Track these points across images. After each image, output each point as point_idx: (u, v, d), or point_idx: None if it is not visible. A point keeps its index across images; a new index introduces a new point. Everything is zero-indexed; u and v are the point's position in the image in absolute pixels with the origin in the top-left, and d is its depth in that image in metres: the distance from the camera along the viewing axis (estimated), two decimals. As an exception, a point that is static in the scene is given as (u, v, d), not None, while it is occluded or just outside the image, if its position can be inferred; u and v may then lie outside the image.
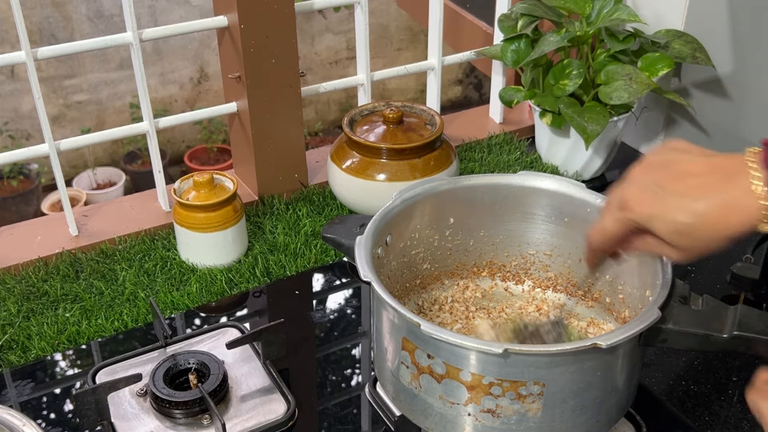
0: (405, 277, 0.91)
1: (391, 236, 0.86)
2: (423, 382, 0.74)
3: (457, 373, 0.70)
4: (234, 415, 0.86)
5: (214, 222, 1.07)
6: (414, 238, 0.90)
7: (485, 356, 0.68)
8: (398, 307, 0.72)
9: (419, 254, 0.91)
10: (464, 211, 0.90)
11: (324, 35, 3.36)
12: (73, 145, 1.13)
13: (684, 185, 0.65)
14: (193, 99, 3.28)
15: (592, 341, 0.67)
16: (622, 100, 1.16)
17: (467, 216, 0.91)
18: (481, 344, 0.68)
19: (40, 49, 1.05)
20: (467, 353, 0.69)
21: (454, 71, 3.65)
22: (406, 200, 0.87)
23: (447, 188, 0.89)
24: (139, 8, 2.97)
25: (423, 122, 1.21)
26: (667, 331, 0.71)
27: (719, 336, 0.70)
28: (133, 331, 1.01)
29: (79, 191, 3.01)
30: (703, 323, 0.71)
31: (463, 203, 0.90)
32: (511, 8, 1.32)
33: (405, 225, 0.88)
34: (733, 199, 0.63)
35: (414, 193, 0.87)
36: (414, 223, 0.89)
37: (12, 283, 1.08)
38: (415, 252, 0.91)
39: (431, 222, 0.90)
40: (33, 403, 0.91)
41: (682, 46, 1.22)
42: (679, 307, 0.72)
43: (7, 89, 2.96)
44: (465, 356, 0.69)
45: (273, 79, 1.17)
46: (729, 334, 0.70)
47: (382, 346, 0.78)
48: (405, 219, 0.87)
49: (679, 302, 0.72)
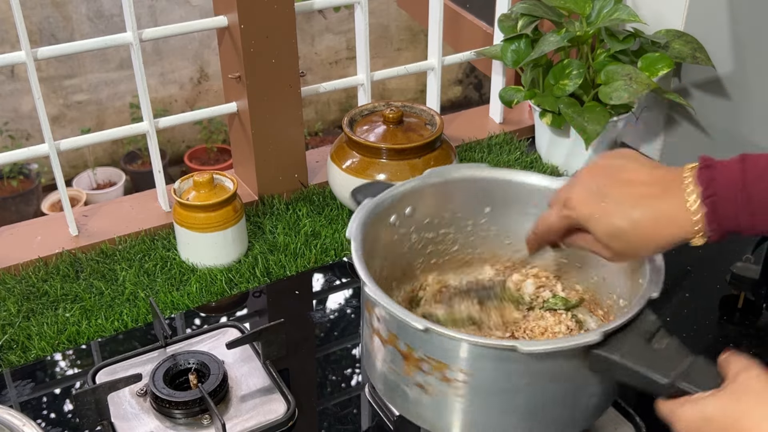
0: (431, 253, 0.91)
1: (413, 209, 0.86)
2: (375, 344, 0.76)
3: (395, 340, 0.72)
4: (234, 415, 0.86)
5: (214, 222, 1.07)
6: (444, 217, 0.89)
7: (412, 330, 0.69)
8: (361, 270, 0.74)
9: (449, 234, 0.91)
10: (501, 202, 0.89)
11: (324, 35, 3.36)
12: (73, 145, 1.13)
13: (624, 192, 0.68)
14: (193, 99, 3.28)
15: (513, 343, 0.67)
16: (622, 100, 1.16)
17: (503, 209, 0.90)
18: (409, 317, 0.69)
19: (40, 49, 1.05)
20: (399, 323, 0.71)
21: (454, 71, 3.64)
22: (439, 180, 0.87)
23: (485, 176, 0.88)
24: (139, 8, 2.97)
25: (423, 122, 1.21)
26: (611, 361, 0.67)
27: (660, 382, 0.65)
28: (133, 331, 1.01)
29: (79, 191, 3.00)
30: (650, 364, 0.66)
31: (502, 195, 0.89)
32: (511, 8, 1.32)
33: (434, 203, 0.88)
34: (668, 211, 0.66)
35: (448, 175, 0.87)
36: (446, 202, 0.88)
37: (12, 283, 1.08)
38: (445, 231, 0.90)
39: (464, 206, 0.89)
40: (33, 403, 0.91)
41: (682, 46, 1.22)
42: (636, 340, 0.68)
43: (7, 89, 2.96)
44: (399, 326, 0.71)
45: (273, 79, 1.17)
46: (670, 383, 0.65)
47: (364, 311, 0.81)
48: (435, 197, 0.87)
49: (641, 336, 0.68)
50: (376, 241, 0.83)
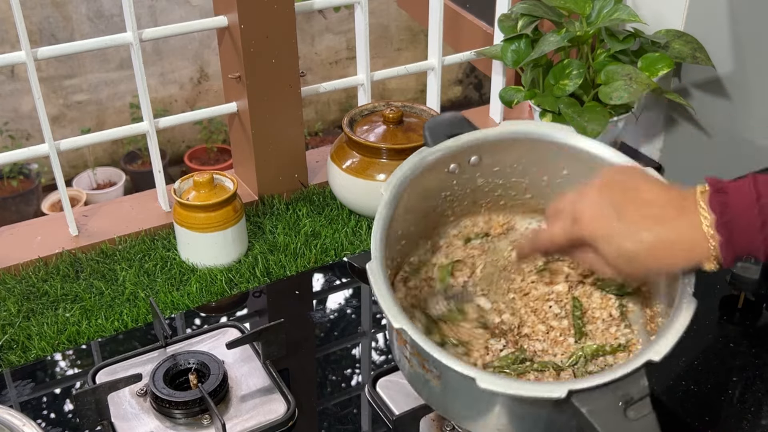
0: (500, 195, 0.87)
1: (480, 158, 0.82)
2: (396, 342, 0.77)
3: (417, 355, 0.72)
4: (234, 415, 0.86)
5: (214, 222, 1.07)
6: (517, 169, 0.85)
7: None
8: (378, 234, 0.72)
9: (522, 183, 0.86)
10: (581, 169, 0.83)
11: (324, 35, 3.36)
12: (73, 145, 1.13)
13: (638, 214, 0.66)
14: (193, 99, 3.28)
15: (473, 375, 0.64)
16: (622, 100, 1.16)
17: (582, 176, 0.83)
18: (391, 311, 0.68)
19: (40, 49, 1.05)
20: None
21: (454, 71, 3.64)
22: (517, 135, 0.82)
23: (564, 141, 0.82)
24: (139, 8, 2.97)
25: (423, 122, 1.21)
26: (578, 412, 0.64)
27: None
28: (133, 331, 1.01)
29: (79, 191, 3.00)
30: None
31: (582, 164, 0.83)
32: (511, 8, 1.32)
33: (507, 154, 0.83)
34: (683, 236, 0.65)
35: (528, 132, 0.82)
36: (520, 156, 0.84)
37: (12, 283, 1.08)
38: (517, 180, 0.86)
39: (541, 163, 0.85)
40: (33, 403, 0.91)
41: (682, 46, 1.22)
42: (611, 403, 0.64)
43: (7, 89, 2.96)
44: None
45: (273, 79, 1.17)
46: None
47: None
48: (509, 149, 0.83)
49: (620, 399, 0.64)
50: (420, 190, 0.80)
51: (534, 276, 0.86)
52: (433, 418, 0.85)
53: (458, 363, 0.66)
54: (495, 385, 0.64)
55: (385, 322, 1.05)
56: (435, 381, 0.70)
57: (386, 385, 0.90)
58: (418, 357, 0.70)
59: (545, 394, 0.64)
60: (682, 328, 0.68)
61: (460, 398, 0.71)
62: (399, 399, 0.88)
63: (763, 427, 0.86)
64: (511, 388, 0.64)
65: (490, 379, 0.65)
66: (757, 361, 0.94)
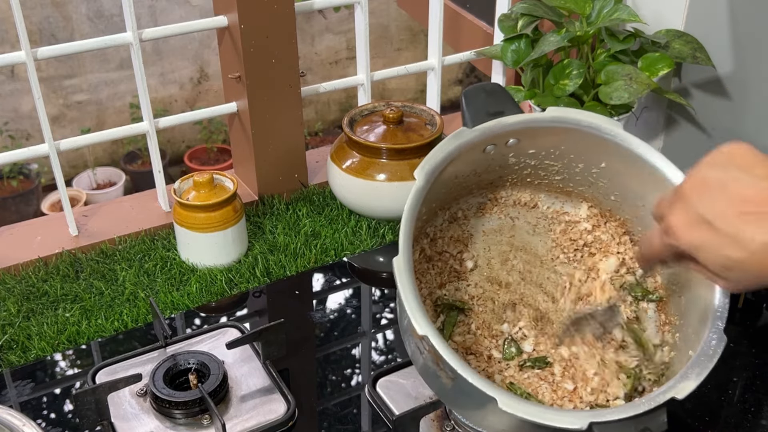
0: (528, 174, 0.86)
1: (519, 140, 0.79)
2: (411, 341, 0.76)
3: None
4: (234, 415, 0.86)
5: (214, 222, 1.07)
6: (553, 153, 0.83)
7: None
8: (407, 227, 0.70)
9: (554, 167, 0.85)
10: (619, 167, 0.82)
11: (324, 35, 3.36)
12: (73, 145, 1.13)
13: (739, 217, 0.59)
14: (193, 99, 3.28)
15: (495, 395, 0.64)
16: (622, 100, 1.16)
17: (619, 174, 0.83)
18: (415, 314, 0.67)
19: (40, 49, 1.05)
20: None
21: (454, 71, 3.64)
22: (560, 123, 0.79)
23: (608, 137, 0.80)
24: (139, 8, 2.97)
25: (423, 122, 1.21)
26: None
27: None
28: (133, 331, 1.01)
29: (79, 191, 3.00)
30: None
31: (622, 162, 0.81)
32: (511, 8, 1.32)
33: (547, 139, 0.81)
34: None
35: (572, 122, 0.79)
36: (559, 143, 0.82)
37: (12, 283, 1.08)
38: (550, 163, 0.84)
39: (579, 152, 0.83)
40: (33, 403, 0.91)
41: (682, 46, 1.22)
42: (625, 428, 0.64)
43: (7, 89, 2.96)
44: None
45: (273, 79, 1.17)
46: None
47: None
48: (549, 135, 0.81)
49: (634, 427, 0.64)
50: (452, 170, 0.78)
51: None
52: (433, 419, 0.85)
53: (481, 380, 0.65)
54: (517, 410, 0.64)
55: (385, 322, 1.05)
56: (447, 380, 0.70)
57: (386, 385, 0.90)
58: (434, 356, 0.69)
59: (567, 425, 0.63)
60: (709, 367, 0.68)
61: (472, 401, 0.71)
62: (399, 399, 0.88)
63: (763, 427, 0.86)
64: (532, 415, 0.64)
65: (512, 402, 0.64)
66: (757, 361, 0.94)
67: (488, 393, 0.65)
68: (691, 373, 0.67)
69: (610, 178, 0.84)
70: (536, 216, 0.90)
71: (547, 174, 0.86)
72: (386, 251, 1.16)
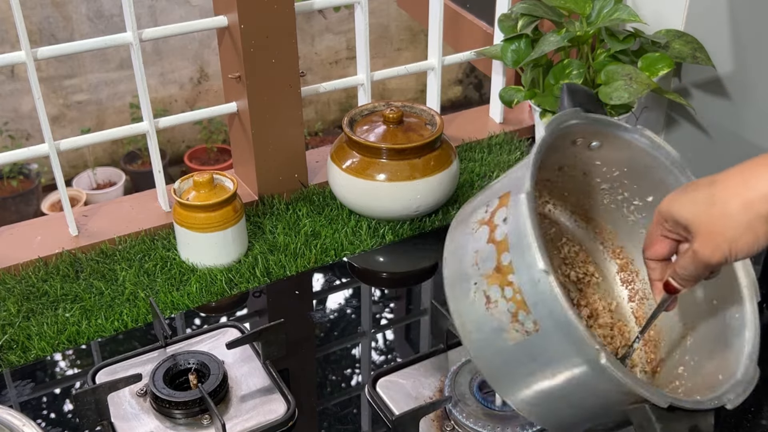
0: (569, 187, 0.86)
1: (601, 145, 0.79)
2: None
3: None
4: (234, 415, 0.86)
5: (214, 222, 1.07)
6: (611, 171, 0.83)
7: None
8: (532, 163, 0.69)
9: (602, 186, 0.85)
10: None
11: (324, 35, 3.36)
12: (73, 145, 1.13)
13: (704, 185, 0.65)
14: (193, 99, 3.28)
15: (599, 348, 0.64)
16: (622, 100, 1.16)
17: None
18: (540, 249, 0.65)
19: (40, 49, 1.05)
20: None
21: (454, 71, 3.64)
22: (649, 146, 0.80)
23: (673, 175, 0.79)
24: (139, 8, 2.97)
25: (423, 122, 1.21)
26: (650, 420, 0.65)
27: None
28: (133, 331, 1.01)
29: (79, 191, 3.00)
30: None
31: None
32: (511, 8, 1.32)
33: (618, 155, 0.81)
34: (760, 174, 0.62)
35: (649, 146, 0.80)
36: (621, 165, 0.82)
37: (12, 283, 1.08)
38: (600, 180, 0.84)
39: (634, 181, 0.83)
40: (33, 403, 0.91)
41: (682, 46, 1.22)
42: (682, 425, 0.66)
43: (7, 89, 2.96)
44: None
45: (273, 79, 1.17)
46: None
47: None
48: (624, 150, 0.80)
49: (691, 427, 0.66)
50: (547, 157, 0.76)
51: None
52: (433, 419, 0.85)
53: (589, 333, 0.64)
54: (619, 369, 0.63)
55: (385, 322, 1.05)
56: (517, 335, 0.68)
57: (386, 385, 0.90)
58: (518, 304, 0.67)
59: (653, 398, 0.64)
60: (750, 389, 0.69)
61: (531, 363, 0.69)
62: (399, 399, 0.88)
63: (763, 427, 0.86)
64: (629, 379, 0.64)
65: (614, 360, 0.64)
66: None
67: (595, 346, 0.64)
68: (739, 388, 0.69)
69: (647, 213, 0.84)
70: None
71: (587, 192, 0.86)
72: (386, 251, 1.16)
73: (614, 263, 0.89)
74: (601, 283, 0.89)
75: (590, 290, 0.88)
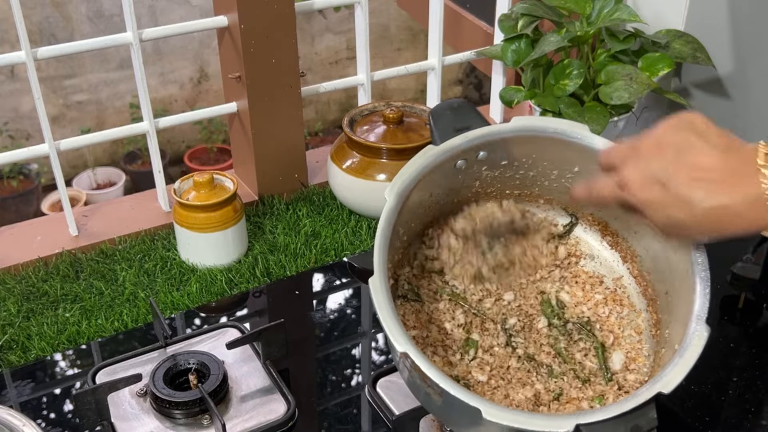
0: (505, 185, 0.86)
1: (488, 153, 0.80)
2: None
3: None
4: (234, 416, 0.86)
5: (214, 222, 1.07)
6: (525, 163, 0.83)
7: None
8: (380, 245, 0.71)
9: (530, 174, 0.85)
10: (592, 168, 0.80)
11: (324, 35, 3.36)
12: (73, 145, 1.13)
13: (688, 179, 0.63)
14: (193, 99, 3.28)
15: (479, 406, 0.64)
16: (622, 100, 1.16)
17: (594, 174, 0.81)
18: (393, 332, 0.67)
19: (40, 49, 1.05)
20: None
21: (454, 71, 3.64)
22: (527, 132, 0.80)
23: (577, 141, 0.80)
24: (139, 8, 2.97)
25: (423, 122, 1.21)
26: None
27: None
28: (133, 331, 1.01)
29: (79, 191, 3.00)
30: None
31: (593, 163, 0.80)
32: (512, 8, 1.32)
33: (517, 150, 0.81)
34: (737, 206, 0.61)
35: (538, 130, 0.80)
36: (530, 151, 0.82)
37: (12, 283, 1.08)
38: (525, 173, 0.85)
39: (552, 158, 0.83)
40: (33, 403, 0.91)
41: (683, 46, 1.22)
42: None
43: (7, 89, 2.96)
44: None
45: (273, 79, 1.17)
46: None
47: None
48: (519, 145, 0.81)
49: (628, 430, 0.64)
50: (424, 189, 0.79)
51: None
52: (433, 419, 0.85)
53: (464, 392, 0.65)
54: (501, 418, 0.63)
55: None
56: (436, 396, 0.70)
57: (386, 385, 0.90)
58: (419, 373, 0.69)
59: (553, 428, 0.63)
60: (693, 359, 0.68)
61: (462, 416, 0.71)
62: (399, 399, 0.88)
63: (763, 427, 0.86)
64: (518, 422, 0.63)
65: (497, 412, 0.64)
66: (757, 361, 0.94)
67: (471, 404, 0.64)
68: (676, 366, 0.67)
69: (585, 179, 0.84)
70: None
71: (524, 183, 0.86)
72: (386, 251, 1.16)
73: (595, 231, 0.89)
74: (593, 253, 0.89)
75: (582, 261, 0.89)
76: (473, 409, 0.64)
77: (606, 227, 0.88)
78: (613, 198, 0.70)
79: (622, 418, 0.64)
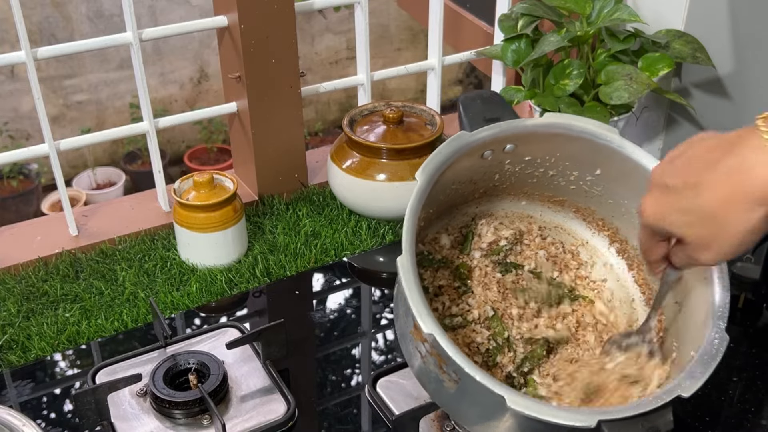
0: (523, 182, 0.86)
1: (516, 146, 0.80)
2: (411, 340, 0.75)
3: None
4: (234, 416, 0.86)
5: (214, 222, 1.07)
6: (549, 160, 0.83)
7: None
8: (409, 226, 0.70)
9: (550, 173, 0.85)
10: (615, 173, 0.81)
11: (324, 35, 3.36)
12: (73, 145, 1.13)
13: (687, 171, 0.60)
14: (193, 99, 3.28)
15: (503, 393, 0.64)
16: (622, 100, 1.16)
17: (615, 179, 0.82)
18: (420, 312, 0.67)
19: (40, 49, 1.05)
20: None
21: (454, 71, 3.64)
22: (557, 129, 0.79)
23: (605, 143, 0.79)
24: (139, 8, 2.97)
25: (423, 122, 1.21)
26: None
27: None
28: (133, 331, 1.01)
29: (78, 191, 3.00)
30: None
31: (617, 167, 0.81)
32: (512, 8, 1.32)
33: (542, 146, 0.81)
34: (742, 163, 0.58)
35: (568, 127, 0.80)
36: (555, 149, 0.82)
37: (12, 283, 1.08)
38: (545, 171, 0.84)
39: (575, 159, 0.82)
40: (33, 403, 0.91)
41: (683, 46, 1.22)
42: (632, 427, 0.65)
43: (7, 89, 2.96)
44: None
45: (273, 79, 1.17)
46: None
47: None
48: (545, 141, 0.81)
49: (646, 430, 0.65)
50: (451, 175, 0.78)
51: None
52: (433, 419, 0.85)
53: (489, 378, 0.65)
54: (526, 408, 0.64)
55: (385, 322, 1.05)
56: (450, 384, 0.69)
57: (386, 385, 0.90)
58: (437, 358, 0.69)
59: (576, 422, 0.63)
60: (712, 366, 0.68)
61: (475, 406, 0.71)
62: (399, 399, 0.88)
63: (763, 427, 0.86)
64: (542, 413, 0.64)
65: (521, 401, 0.64)
66: (757, 361, 0.94)
67: (496, 391, 0.64)
68: (695, 371, 0.68)
69: (604, 185, 0.84)
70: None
71: (541, 182, 0.86)
72: (386, 251, 1.16)
73: (604, 236, 0.89)
74: (597, 263, 0.89)
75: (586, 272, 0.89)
76: (494, 398, 0.64)
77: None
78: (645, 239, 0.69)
79: (642, 417, 0.65)
